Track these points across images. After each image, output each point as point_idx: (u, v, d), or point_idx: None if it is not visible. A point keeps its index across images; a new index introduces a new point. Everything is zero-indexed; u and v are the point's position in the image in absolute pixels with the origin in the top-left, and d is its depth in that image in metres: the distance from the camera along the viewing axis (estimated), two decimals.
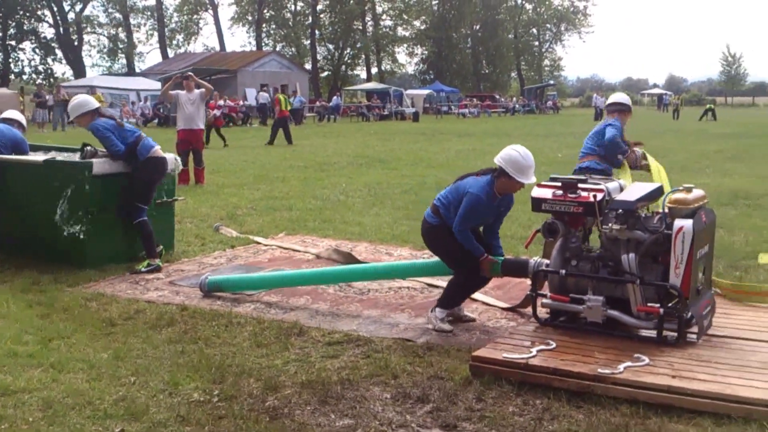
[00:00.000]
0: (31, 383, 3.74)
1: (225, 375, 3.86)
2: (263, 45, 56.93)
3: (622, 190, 4.48)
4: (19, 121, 6.99)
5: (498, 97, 56.55)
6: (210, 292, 5.40)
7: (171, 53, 56.24)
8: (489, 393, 3.62)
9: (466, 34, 67.37)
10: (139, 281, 5.81)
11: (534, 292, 4.43)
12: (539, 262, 4.52)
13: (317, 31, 59.32)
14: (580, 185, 4.31)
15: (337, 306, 5.18)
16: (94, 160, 6.16)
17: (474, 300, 5.11)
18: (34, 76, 50.72)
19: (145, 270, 6.02)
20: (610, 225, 4.12)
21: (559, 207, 4.31)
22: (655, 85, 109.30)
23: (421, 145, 20.95)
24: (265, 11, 57.70)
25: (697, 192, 4.19)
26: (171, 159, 6.58)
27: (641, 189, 4.43)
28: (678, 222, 3.97)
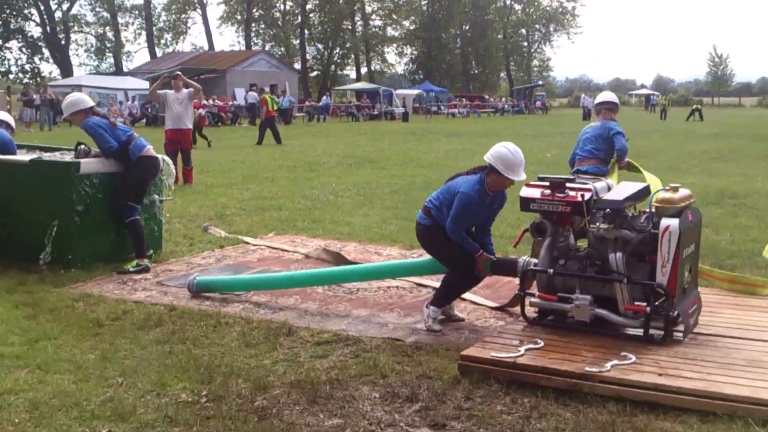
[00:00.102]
0: (18, 384, 3.71)
1: (213, 375, 3.85)
2: (252, 44, 56.80)
3: (610, 189, 4.51)
4: (8, 122, 6.96)
5: (487, 97, 56.71)
6: (199, 292, 5.38)
7: (159, 52, 56.02)
8: (477, 392, 3.63)
9: (456, 34, 67.52)
10: (126, 281, 5.78)
11: (522, 292, 4.45)
12: (528, 262, 4.54)
13: (306, 31, 59.26)
14: (568, 185, 4.34)
15: (326, 306, 5.18)
16: (82, 159, 6.14)
17: (463, 299, 5.12)
18: (20, 75, 50.39)
19: (133, 270, 5.99)
20: (597, 224, 4.15)
21: (547, 206, 4.34)
22: (643, 86, 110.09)
23: (411, 145, 20.97)
24: (254, 10, 57.56)
25: (684, 191, 4.22)
26: (163, 162, 6.56)
27: (628, 188, 4.46)
28: (665, 221, 4.00)
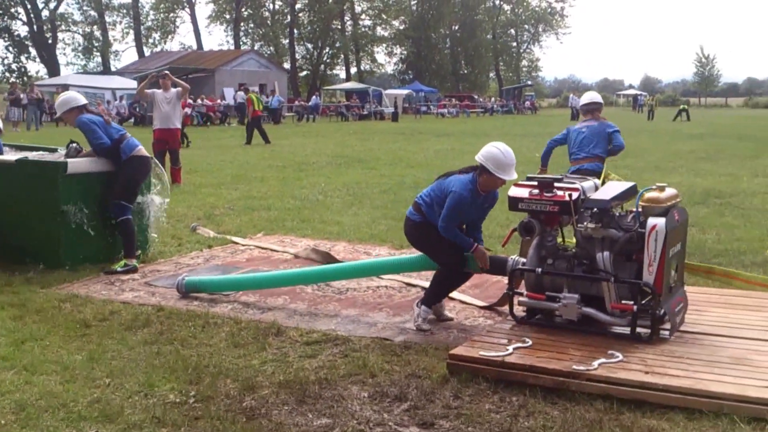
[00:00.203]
0: (4, 386, 3.69)
1: (201, 376, 3.84)
2: (241, 44, 56.65)
3: (597, 189, 4.53)
4: None
5: (476, 97, 56.84)
6: (188, 293, 5.36)
7: (147, 52, 55.76)
8: (466, 390, 3.64)
9: (445, 34, 67.62)
10: (114, 282, 5.76)
11: (511, 291, 4.47)
12: (516, 261, 4.56)
13: (296, 30, 59.14)
14: (556, 184, 4.36)
15: (315, 306, 5.18)
16: (69, 159, 6.10)
17: (452, 299, 5.14)
18: (7, 74, 50.00)
19: (121, 270, 5.96)
20: (585, 224, 4.17)
21: (535, 206, 4.36)
22: (631, 86, 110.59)
23: (400, 145, 20.98)
24: (243, 10, 57.40)
25: (670, 191, 4.25)
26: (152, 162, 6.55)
27: (615, 188, 4.49)
28: (651, 220, 4.03)
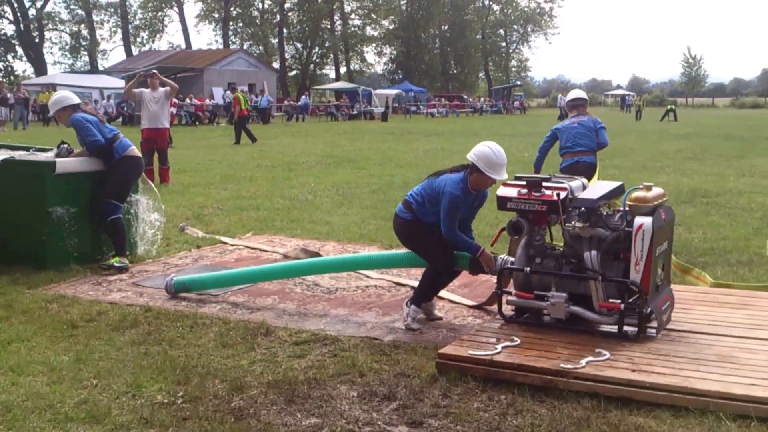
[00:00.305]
0: None
1: (190, 376, 3.83)
2: (230, 43, 56.47)
3: (585, 188, 4.55)
4: None
5: (466, 97, 56.96)
6: (177, 292, 5.34)
7: (135, 51, 55.53)
8: (455, 389, 3.65)
9: (435, 34, 67.72)
10: (101, 282, 5.73)
11: (499, 290, 4.48)
12: (505, 260, 4.57)
13: (285, 30, 59.02)
14: (544, 184, 4.38)
15: (305, 305, 5.17)
16: (57, 159, 6.07)
17: (441, 298, 5.15)
18: None
19: (117, 265, 6.02)
20: (573, 223, 4.19)
21: (523, 205, 4.38)
22: (619, 86, 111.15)
23: (390, 145, 20.99)
24: (231, 9, 57.22)
25: (657, 190, 4.28)
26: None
27: (603, 187, 4.52)
28: (638, 219, 4.05)
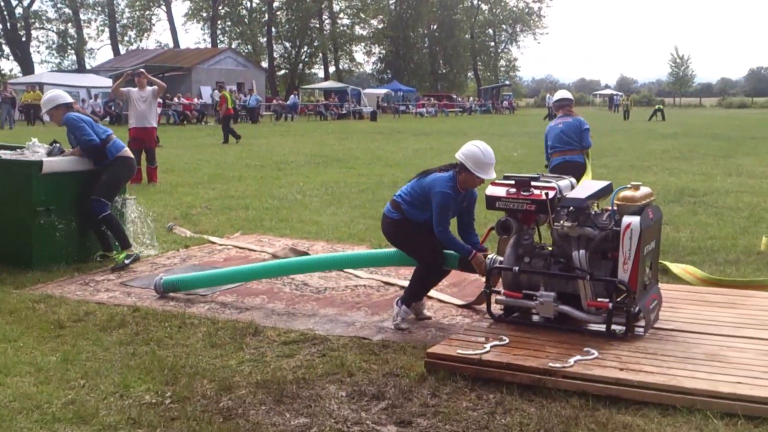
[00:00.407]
0: None
1: (178, 376, 3.81)
2: (218, 42, 56.26)
3: (573, 188, 4.57)
4: None
5: (455, 96, 57.03)
6: (166, 292, 5.32)
7: (123, 50, 55.18)
8: (444, 389, 3.66)
9: (424, 33, 67.77)
10: (89, 282, 5.70)
11: (488, 289, 4.49)
12: (494, 259, 4.58)
13: (273, 29, 58.85)
14: (533, 183, 4.39)
15: (293, 305, 5.16)
16: (44, 159, 6.03)
17: (430, 297, 5.15)
18: None
19: (128, 262, 6.03)
20: (561, 222, 4.20)
21: (512, 205, 4.39)
22: (607, 86, 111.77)
23: (379, 144, 20.99)
24: (220, 7, 57.00)
25: (645, 190, 4.30)
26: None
27: (591, 187, 4.53)
28: (626, 219, 4.07)
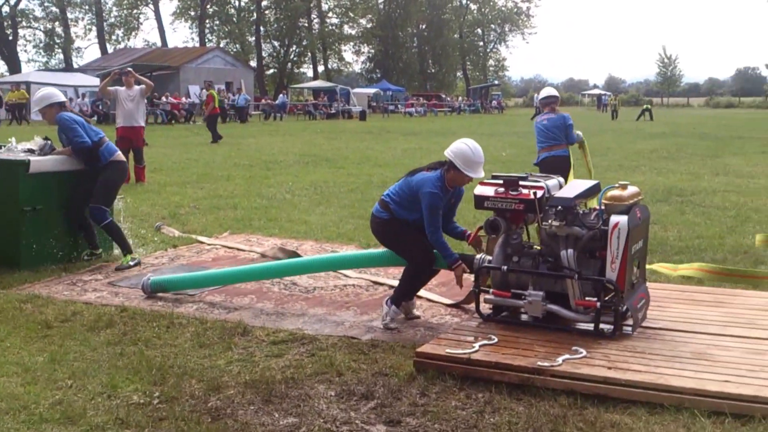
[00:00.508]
0: None
1: (166, 376, 3.80)
2: (206, 41, 56.03)
3: (561, 187, 4.59)
4: None
5: (444, 96, 57.07)
6: (153, 293, 5.29)
7: (110, 49, 54.84)
8: (432, 388, 3.66)
9: (413, 33, 67.78)
10: (76, 282, 5.66)
11: (477, 288, 4.50)
12: (482, 259, 4.59)
13: (262, 28, 58.68)
14: (521, 182, 4.41)
15: (282, 305, 5.15)
16: (31, 158, 5.99)
17: (419, 297, 5.15)
18: None
19: (133, 264, 6.10)
20: (549, 221, 4.22)
21: (501, 204, 4.40)
22: (596, 86, 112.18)
23: (368, 144, 20.98)
24: (208, 6, 56.79)
25: (632, 189, 4.32)
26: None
27: (579, 186, 4.55)
28: (614, 218, 4.09)
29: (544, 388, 3.56)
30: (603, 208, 4.21)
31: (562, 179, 4.75)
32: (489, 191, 4.44)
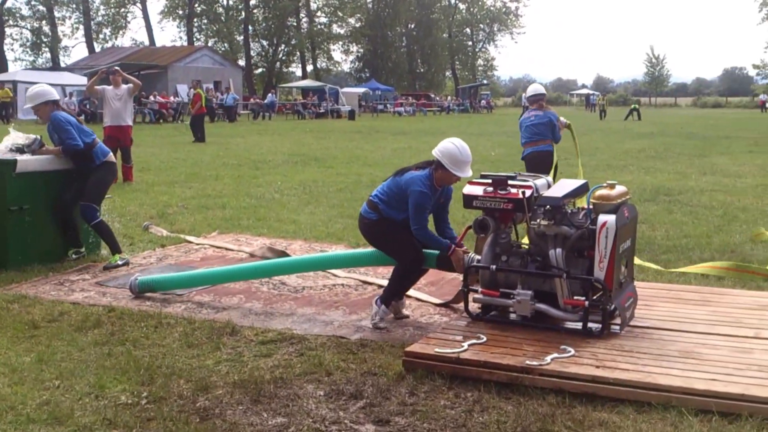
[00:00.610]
0: None
1: (154, 377, 3.78)
2: (195, 40, 55.80)
3: (549, 186, 4.60)
4: None
5: (433, 95, 57.15)
6: (141, 293, 5.27)
7: (98, 48, 54.54)
8: (421, 387, 3.66)
9: (401, 32, 67.83)
10: (63, 282, 5.62)
11: (466, 288, 4.50)
12: (471, 258, 4.60)
13: (251, 27, 58.52)
14: (510, 182, 4.42)
15: (271, 304, 5.14)
16: (18, 157, 5.94)
17: (408, 296, 5.15)
18: None
19: (121, 263, 6.09)
20: (538, 221, 4.23)
21: (489, 203, 4.41)
22: (584, 86, 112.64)
23: (357, 144, 20.98)
24: (196, 5, 56.55)
25: (620, 188, 4.34)
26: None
27: (567, 186, 4.56)
28: (602, 217, 4.11)
29: (532, 387, 3.57)
30: (591, 207, 4.22)
31: (550, 179, 4.77)
32: (478, 191, 4.45)
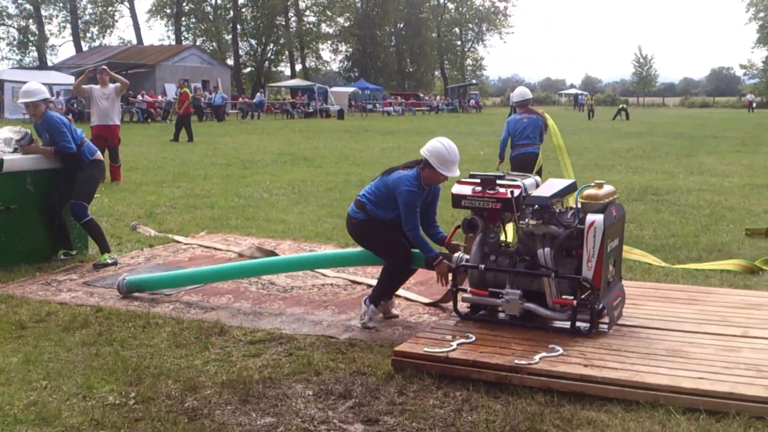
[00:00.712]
0: None
1: (142, 377, 3.76)
2: (183, 39, 55.55)
3: (538, 186, 4.62)
4: None
5: (422, 95, 57.20)
6: (129, 293, 5.24)
7: (85, 46, 54.18)
8: (410, 387, 3.67)
9: (390, 32, 67.86)
10: (51, 282, 5.59)
11: (455, 287, 4.51)
12: (460, 258, 4.60)
13: (239, 26, 58.31)
14: (498, 182, 4.43)
15: (260, 304, 5.13)
16: (5, 157, 5.90)
17: (397, 296, 5.16)
18: None
19: (111, 262, 6.09)
20: (526, 220, 4.24)
21: (478, 203, 4.42)
22: (572, 86, 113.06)
23: (346, 143, 20.97)
24: (184, 4, 56.29)
25: (608, 188, 4.36)
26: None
27: (555, 185, 4.58)
28: (590, 217, 4.13)
29: (521, 386, 3.58)
30: (579, 206, 4.24)
31: (539, 178, 4.79)
32: (466, 190, 4.46)
